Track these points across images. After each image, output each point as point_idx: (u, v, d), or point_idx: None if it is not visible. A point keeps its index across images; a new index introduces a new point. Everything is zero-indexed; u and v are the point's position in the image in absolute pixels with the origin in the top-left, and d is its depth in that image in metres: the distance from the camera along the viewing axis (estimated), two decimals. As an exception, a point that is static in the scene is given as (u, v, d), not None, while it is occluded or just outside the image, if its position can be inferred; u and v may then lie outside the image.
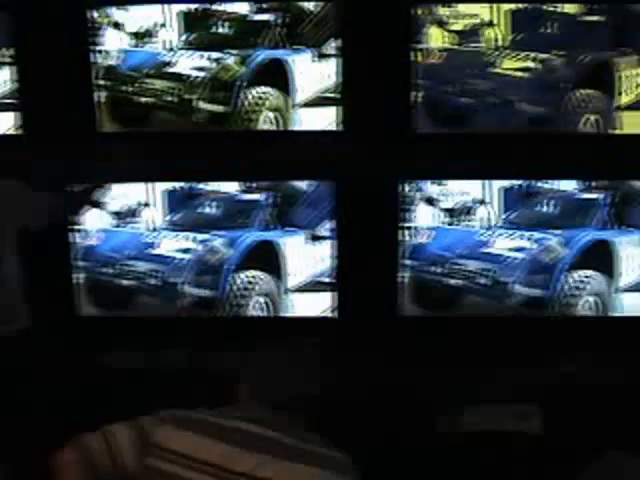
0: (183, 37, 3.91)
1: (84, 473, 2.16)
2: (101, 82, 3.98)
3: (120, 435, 2.20)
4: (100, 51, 3.94)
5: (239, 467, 2.04)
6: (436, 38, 3.83)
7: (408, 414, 3.75)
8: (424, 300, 4.00)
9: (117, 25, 3.92)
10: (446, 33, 3.84)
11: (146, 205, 3.98)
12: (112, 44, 3.92)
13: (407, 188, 3.91)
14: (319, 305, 4.03)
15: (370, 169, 3.96)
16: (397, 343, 3.98)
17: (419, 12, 3.79)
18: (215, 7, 3.89)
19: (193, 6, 3.89)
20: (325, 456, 2.10)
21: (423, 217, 3.92)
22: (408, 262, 3.97)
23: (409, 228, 3.94)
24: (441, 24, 3.82)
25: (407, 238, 3.94)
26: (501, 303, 3.97)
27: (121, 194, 3.98)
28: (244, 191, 3.99)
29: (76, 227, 4.01)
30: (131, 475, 2.19)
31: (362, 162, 3.96)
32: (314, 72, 3.88)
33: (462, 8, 3.79)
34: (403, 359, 3.92)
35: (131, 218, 4.00)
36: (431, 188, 3.91)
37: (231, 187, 4.01)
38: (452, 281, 3.96)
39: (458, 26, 3.83)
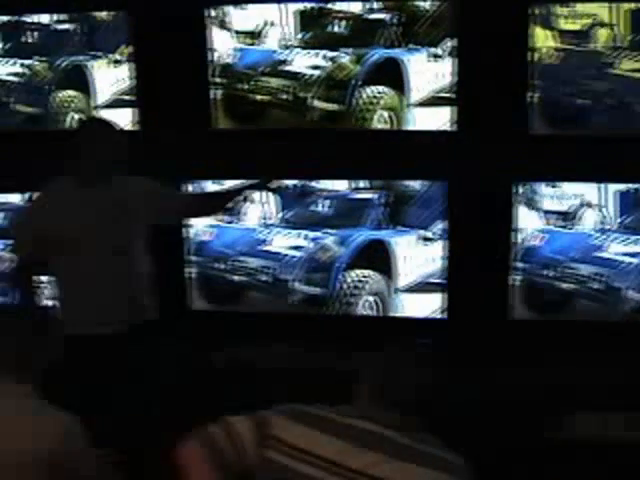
0: (299, 36, 4.32)
1: (210, 462, 2.36)
2: (217, 80, 4.43)
3: (241, 426, 2.40)
4: (216, 49, 4.40)
5: (353, 464, 2.17)
6: (552, 38, 4.11)
7: (516, 416, 4.06)
8: (535, 303, 4.31)
9: (233, 23, 4.41)
10: (563, 33, 4.11)
11: (260, 202, 4.50)
12: (228, 42, 4.40)
13: (520, 189, 4.21)
14: (429, 306, 4.37)
15: (483, 170, 4.23)
16: (507, 346, 4.28)
17: (536, 11, 4.08)
18: (331, 6, 4.28)
19: (309, 5, 4.26)
20: (438, 457, 2.20)
21: (536, 219, 4.25)
22: (520, 265, 4.26)
23: (521, 230, 4.25)
24: (558, 24, 4.10)
25: (519, 240, 4.25)
26: (614, 309, 4.23)
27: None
28: (357, 190, 4.41)
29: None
30: (250, 466, 2.39)
31: (475, 163, 4.23)
32: (429, 72, 4.22)
33: (580, 8, 4.04)
34: (513, 362, 4.22)
35: (241, 216, 4.52)
36: (545, 190, 4.23)
37: (343, 186, 4.39)
38: (564, 285, 4.27)
39: (575, 26, 4.08)
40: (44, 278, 4.19)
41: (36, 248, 3.81)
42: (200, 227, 4.54)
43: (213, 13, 4.36)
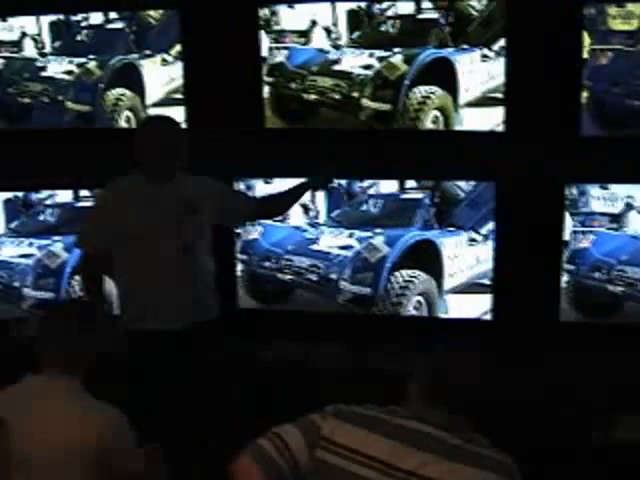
0: (349, 35, 4.36)
1: (265, 477, 2.41)
2: (268, 79, 4.49)
3: (291, 437, 2.44)
4: (267, 48, 4.45)
5: (404, 465, 2.19)
6: (604, 38, 4.12)
7: (564, 418, 4.08)
8: (584, 306, 4.31)
9: (284, 22, 4.45)
10: (615, 33, 4.09)
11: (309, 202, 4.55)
12: (278, 41, 4.44)
13: (571, 191, 4.21)
14: (476, 307, 4.38)
15: (532, 171, 4.24)
16: (556, 348, 4.30)
17: (589, 12, 4.06)
18: (382, 6, 4.31)
19: (361, 4, 4.33)
20: (488, 457, 2.22)
21: (586, 221, 4.25)
22: (569, 267, 4.27)
23: (570, 232, 4.25)
24: (610, 24, 4.08)
25: (569, 242, 4.25)
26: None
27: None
28: (406, 190, 4.43)
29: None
30: (303, 472, 2.44)
31: (524, 163, 4.24)
32: (480, 72, 4.23)
33: (632, 8, 4.03)
34: (561, 365, 4.25)
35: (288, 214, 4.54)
36: (595, 192, 4.23)
37: (393, 186, 4.44)
38: (613, 287, 4.26)
39: (627, 26, 4.06)
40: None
41: (101, 243, 3.89)
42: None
43: (265, 12, 4.38)
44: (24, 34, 4.76)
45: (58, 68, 4.75)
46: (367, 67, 4.39)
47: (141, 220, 3.81)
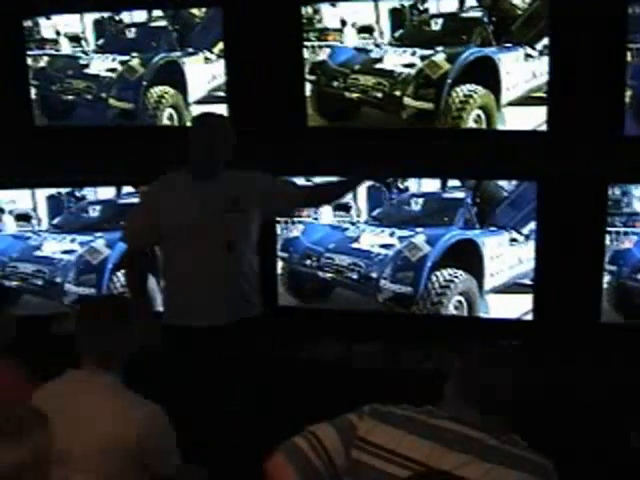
0: (392, 33, 4.40)
1: (300, 476, 2.42)
2: (310, 77, 4.53)
3: (327, 437, 2.46)
4: (307, 47, 4.49)
5: (441, 465, 2.18)
6: None
7: (602, 418, 4.10)
8: (626, 307, 4.30)
9: (326, 21, 4.48)
10: None
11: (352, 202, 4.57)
12: (324, 40, 4.48)
13: (613, 191, 4.20)
14: (517, 307, 4.39)
15: (575, 171, 4.26)
16: (596, 349, 4.29)
17: (635, 10, 4.03)
18: (424, 5, 4.34)
19: (404, 2, 4.35)
20: (526, 459, 2.21)
21: (628, 221, 4.24)
22: (611, 267, 4.26)
23: (612, 232, 4.25)
24: None
25: (611, 242, 4.24)
26: None
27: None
28: (447, 189, 4.45)
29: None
30: (339, 472, 2.45)
31: (567, 163, 4.25)
32: (523, 71, 4.25)
33: None
34: (601, 366, 4.24)
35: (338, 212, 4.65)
36: (638, 192, 4.20)
37: (434, 185, 4.49)
38: None
39: None
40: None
41: (147, 238, 3.99)
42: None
43: (307, 10, 4.45)
44: (68, 32, 4.86)
45: (101, 65, 4.83)
46: (409, 66, 4.42)
47: (187, 217, 3.88)
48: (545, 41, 4.18)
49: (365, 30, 4.42)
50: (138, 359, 3.02)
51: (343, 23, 4.45)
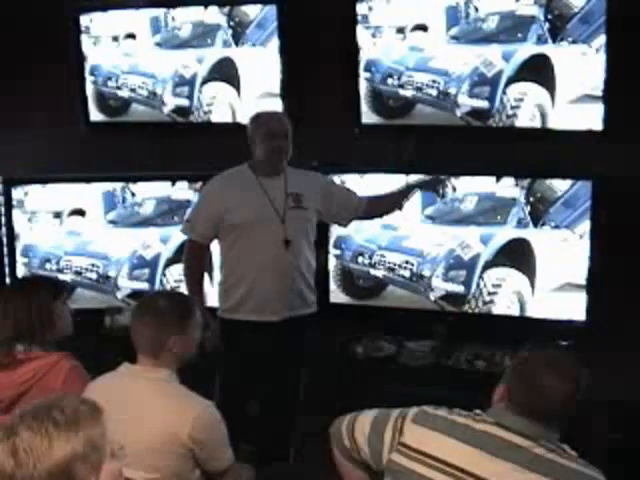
0: (448, 31, 4.50)
1: (353, 463, 2.62)
2: (365, 74, 4.65)
3: (361, 434, 2.50)
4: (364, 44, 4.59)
5: (481, 472, 2.19)
6: None
7: None
8: None
9: (379, 18, 4.58)
10: None
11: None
12: (379, 37, 4.61)
13: None
14: (570, 307, 4.44)
15: (628, 170, 4.30)
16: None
17: None
18: (480, 2, 4.42)
19: (461, 0, 4.43)
20: (573, 471, 2.18)
21: None
22: None
23: None
24: None
25: None
26: None
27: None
28: (501, 188, 4.51)
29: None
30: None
31: (620, 162, 4.29)
32: (578, 69, 4.31)
33: None
34: None
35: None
36: None
37: (488, 183, 4.55)
38: None
39: None
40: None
41: (208, 231, 4.05)
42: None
43: (362, 8, 4.52)
44: (124, 28, 5.01)
45: (157, 62, 4.99)
46: (464, 63, 4.50)
47: (250, 213, 4.01)
48: (601, 39, 4.22)
49: (420, 27, 4.50)
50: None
51: (398, 20, 4.52)
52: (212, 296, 4.39)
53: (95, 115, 5.14)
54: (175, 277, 4.85)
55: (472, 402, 2.49)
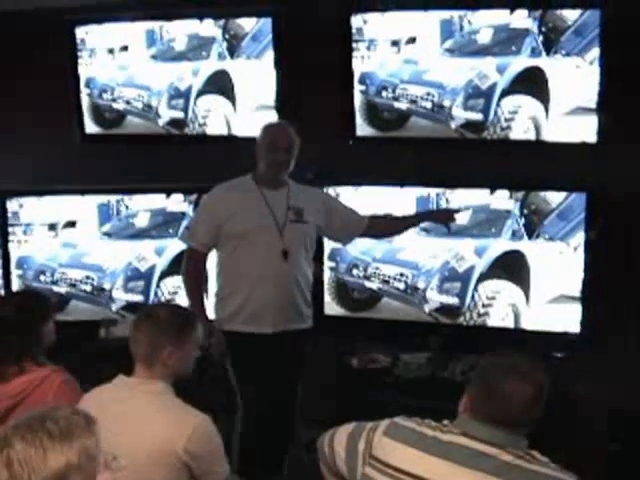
0: (442, 44, 4.51)
1: (329, 472, 2.65)
2: (360, 87, 4.66)
3: (339, 443, 2.51)
4: (357, 56, 4.61)
5: None
6: None
7: None
8: None
9: (374, 31, 4.59)
10: None
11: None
12: (374, 50, 4.62)
13: None
14: (564, 319, 4.44)
15: (623, 181, 4.31)
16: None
17: None
18: (474, 15, 4.44)
19: (453, 13, 4.46)
20: (545, 476, 2.18)
21: None
22: None
23: None
24: None
25: None
26: None
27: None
28: (495, 200, 4.52)
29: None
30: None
31: (614, 174, 4.32)
32: (572, 81, 4.32)
33: None
34: None
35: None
36: None
37: (482, 195, 4.55)
38: None
39: None
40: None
41: (208, 240, 4.02)
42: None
43: (357, 21, 4.54)
44: (119, 41, 5.03)
45: (152, 74, 5.01)
46: (459, 76, 4.52)
47: (250, 223, 3.95)
48: (595, 52, 4.25)
49: (414, 40, 4.54)
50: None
51: (393, 33, 4.54)
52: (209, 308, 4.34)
53: (90, 127, 5.17)
54: (170, 289, 4.87)
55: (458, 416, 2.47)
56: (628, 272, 4.34)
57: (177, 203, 4.88)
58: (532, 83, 4.39)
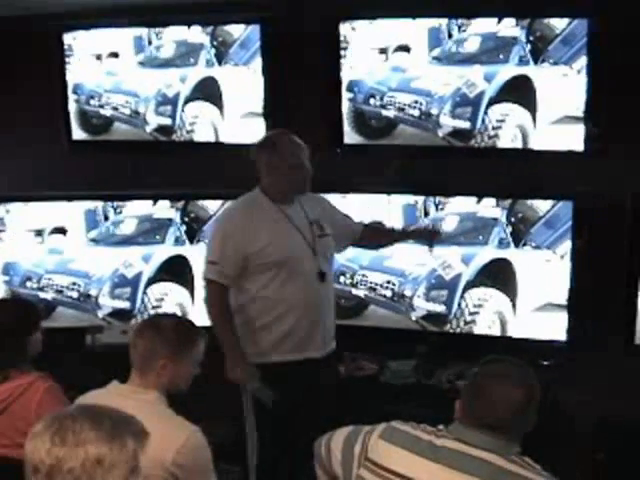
0: (430, 52, 4.51)
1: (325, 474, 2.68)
2: (348, 94, 4.67)
3: (336, 445, 2.54)
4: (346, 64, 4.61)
5: None
6: None
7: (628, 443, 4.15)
8: None
9: (363, 39, 4.59)
10: None
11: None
12: (362, 58, 4.62)
13: None
14: (551, 327, 4.45)
15: (611, 189, 4.33)
16: (630, 371, 4.34)
17: None
18: (462, 23, 4.45)
19: (441, 21, 4.46)
20: None
21: None
22: None
23: None
24: None
25: None
26: None
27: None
28: (482, 208, 4.53)
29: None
30: None
31: (602, 183, 4.34)
32: (559, 90, 4.34)
33: None
34: (634, 388, 4.28)
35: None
36: None
37: (469, 203, 4.55)
38: None
39: None
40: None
41: (236, 271, 3.80)
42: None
43: (345, 29, 4.56)
44: (107, 47, 5.04)
45: (140, 81, 5.01)
46: (446, 84, 4.52)
47: (282, 249, 3.80)
48: (582, 60, 4.27)
49: (402, 48, 4.54)
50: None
51: (381, 41, 4.55)
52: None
53: (77, 134, 5.16)
54: (157, 296, 4.85)
55: (453, 422, 2.48)
56: (614, 280, 4.35)
57: (164, 210, 4.86)
58: (520, 91, 4.40)
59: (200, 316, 4.18)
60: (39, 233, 4.94)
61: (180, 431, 2.77)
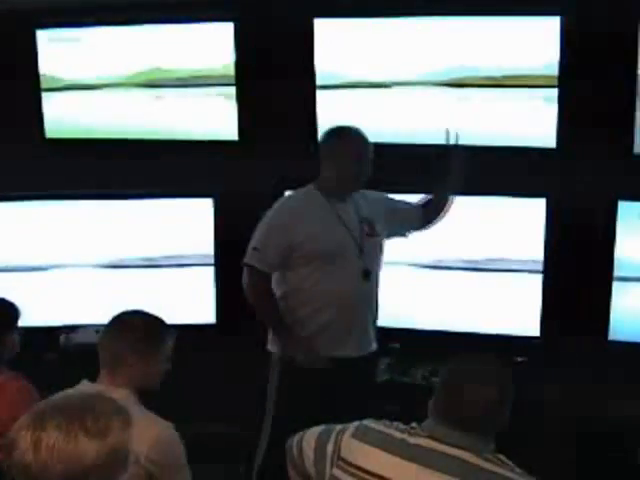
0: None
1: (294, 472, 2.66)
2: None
3: (308, 445, 2.52)
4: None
5: None
6: None
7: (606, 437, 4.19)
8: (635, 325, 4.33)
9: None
10: None
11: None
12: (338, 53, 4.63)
13: (623, 208, 4.27)
14: (524, 323, 4.51)
15: (582, 187, 4.38)
16: (604, 368, 4.33)
17: None
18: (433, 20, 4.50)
19: (416, 20, 4.50)
20: (509, 479, 2.20)
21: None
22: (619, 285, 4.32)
23: (622, 249, 4.28)
24: None
25: (619, 260, 4.28)
26: None
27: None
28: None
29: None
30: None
31: (574, 180, 4.39)
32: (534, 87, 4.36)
33: None
34: (607, 382, 4.30)
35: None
36: None
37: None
38: None
39: None
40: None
41: (278, 261, 3.79)
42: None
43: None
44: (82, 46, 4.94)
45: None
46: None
47: (327, 243, 3.77)
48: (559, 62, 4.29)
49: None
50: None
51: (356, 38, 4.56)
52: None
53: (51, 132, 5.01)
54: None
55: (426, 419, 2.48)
56: (587, 277, 4.40)
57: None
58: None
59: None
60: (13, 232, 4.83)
61: (152, 427, 2.74)
